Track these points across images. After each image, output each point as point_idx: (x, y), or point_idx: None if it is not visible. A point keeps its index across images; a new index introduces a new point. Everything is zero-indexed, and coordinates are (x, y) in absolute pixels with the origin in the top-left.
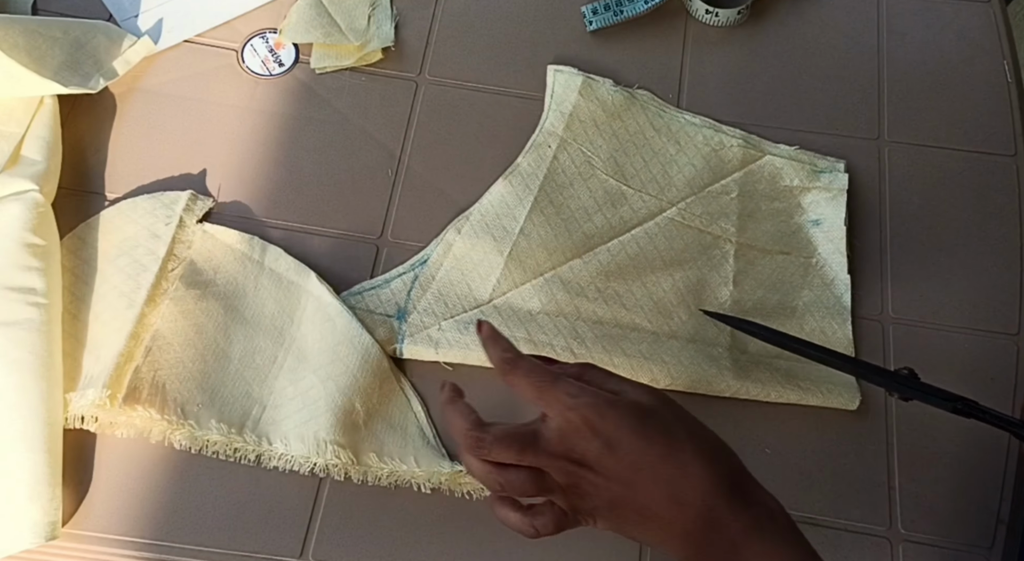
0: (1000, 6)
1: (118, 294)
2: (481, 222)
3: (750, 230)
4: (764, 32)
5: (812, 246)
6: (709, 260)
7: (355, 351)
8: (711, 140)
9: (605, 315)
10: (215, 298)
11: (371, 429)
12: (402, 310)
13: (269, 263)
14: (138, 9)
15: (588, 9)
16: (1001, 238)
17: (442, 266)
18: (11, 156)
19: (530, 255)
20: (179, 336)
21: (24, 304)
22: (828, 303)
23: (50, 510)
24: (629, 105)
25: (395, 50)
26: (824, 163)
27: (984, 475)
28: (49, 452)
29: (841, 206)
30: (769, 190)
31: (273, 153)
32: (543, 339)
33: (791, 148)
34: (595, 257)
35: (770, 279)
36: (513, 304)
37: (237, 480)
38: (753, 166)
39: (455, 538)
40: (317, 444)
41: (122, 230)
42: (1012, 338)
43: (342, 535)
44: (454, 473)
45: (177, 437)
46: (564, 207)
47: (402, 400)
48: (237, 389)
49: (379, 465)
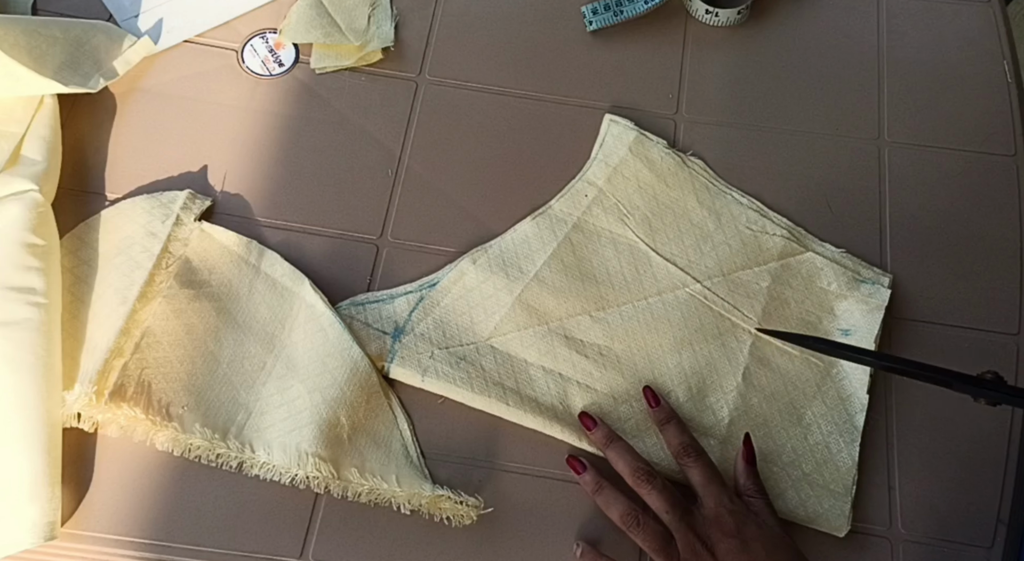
0: (1000, 6)
1: (114, 292)
2: (499, 257)
3: (773, 325)
4: (764, 32)
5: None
6: (723, 346)
7: (344, 364)
8: (754, 223)
9: (599, 381)
10: (208, 299)
11: (355, 444)
12: (399, 329)
13: (265, 268)
14: (138, 9)
15: (588, 9)
16: (1001, 238)
17: (450, 293)
18: (11, 156)
19: (539, 301)
20: (169, 335)
21: (24, 304)
22: (839, 420)
23: (49, 510)
24: (677, 171)
25: (395, 50)
26: (868, 273)
27: (984, 475)
28: (48, 452)
29: (876, 321)
30: (803, 288)
31: (273, 153)
32: (530, 394)
33: (838, 250)
34: (605, 317)
35: (783, 380)
36: (510, 348)
37: (237, 480)
38: (792, 260)
39: (454, 538)
40: (299, 455)
41: (121, 230)
42: (1012, 338)
43: (342, 535)
44: (435, 496)
45: (160, 439)
46: (586, 260)
47: (389, 417)
48: (224, 394)
49: (360, 481)
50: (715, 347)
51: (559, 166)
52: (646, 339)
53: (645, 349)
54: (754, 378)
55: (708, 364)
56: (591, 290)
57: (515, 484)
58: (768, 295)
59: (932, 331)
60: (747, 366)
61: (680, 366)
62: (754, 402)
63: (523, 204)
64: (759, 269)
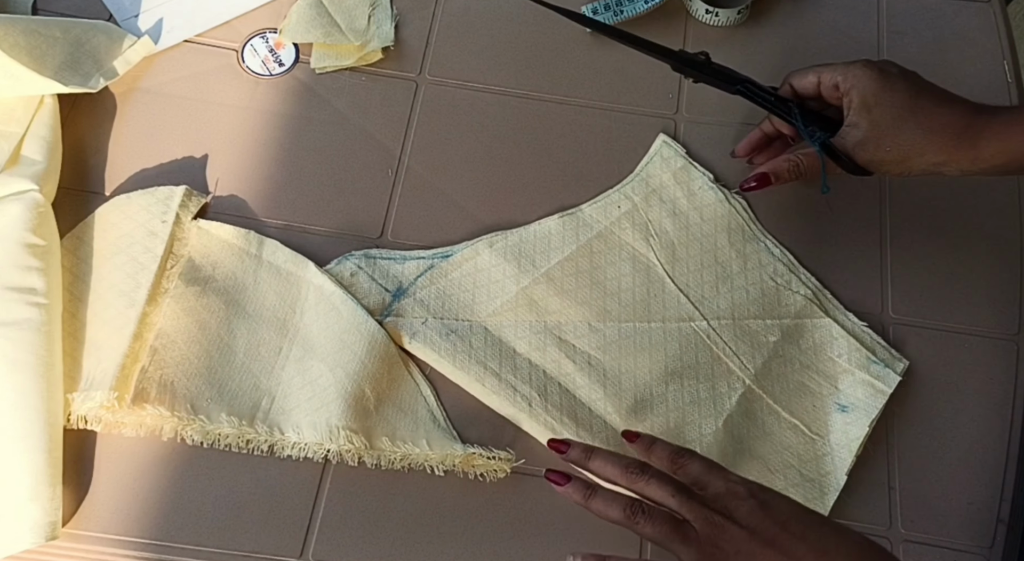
0: (1000, 6)
1: (117, 293)
2: (516, 246)
3: (770, 381)
4: (764, 32)
5: (826, 429)
6: (712, 388)
7: (362, 338)
8: (780, 276)
9: (581, 388)
10: (216, 293)
11: (382, 414)
12: (402, 289)
13: (267, 256)
14: (138, 9)
15: (588, 9)
16: (1001, 238)
17: (460, 268)
18: (11, 156)
19: (543, 298)
20: (183, 334)
21: (24, 304)
22: (810, 495)
23: (50, 510)
24: (716, 206)
25: (395, 50)
26: (884, 354)
27: (984, 475)
28: (49, 452)
29: (877, 406)
30: (812, 353)
31: (273, 153)
32: (511, 380)
33: (861, 323)
34: (604, 329)
35: (763, 439)
36: (502, 334)
37: (237, 480)
38: (808, 321)
39: (454, 538)
40: (330, 431)
41: (118, 227)
42: (1012, 338)
43: (342, 535)
44: (467, 455)
45: (189, 433)
46: (600, 269)
47: (411, 385)
48: (245, 382)
49: (392, 449)
50: (704, 387)
51: (559, 166)
52: (637, 361)
53: (634, 370)
54: (735, 428)
55: (692, 402)
56: (597, 299)
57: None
58: (773, 350)
59: (932, 331)
60: (731, 414)
61: (664, 396)
62: (728, 451)
63: (523, 204)
64: (771, 322)
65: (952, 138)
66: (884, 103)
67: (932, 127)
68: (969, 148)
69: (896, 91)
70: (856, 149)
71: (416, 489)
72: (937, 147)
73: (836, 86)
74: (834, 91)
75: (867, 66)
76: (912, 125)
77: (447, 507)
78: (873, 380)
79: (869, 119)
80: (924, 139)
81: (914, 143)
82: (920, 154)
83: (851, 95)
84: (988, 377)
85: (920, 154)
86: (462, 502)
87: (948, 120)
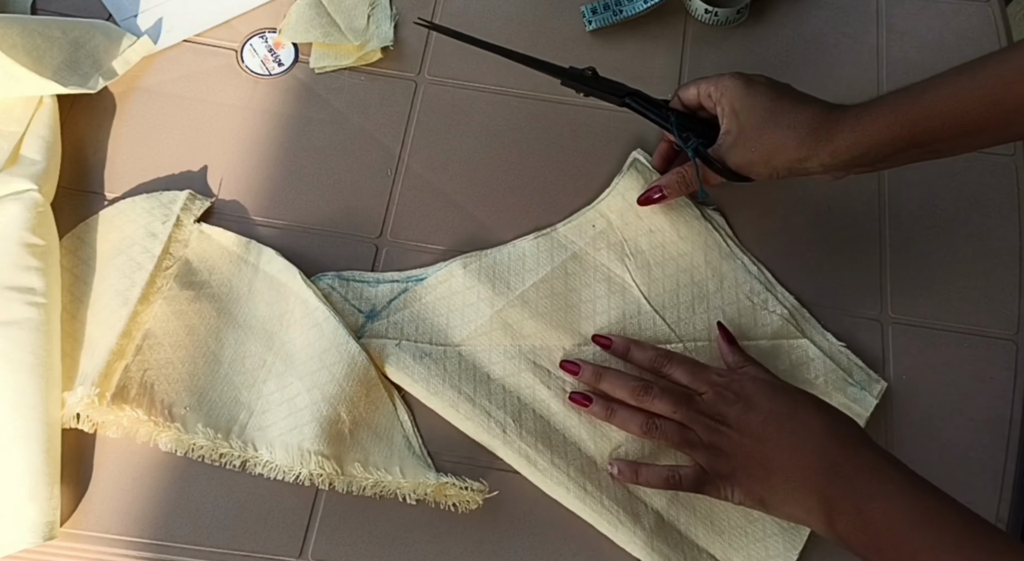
0: (1000, 6)
1: (114, 292)
2: (490, 268)
3: None
4: (764, 32)
5: None
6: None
7: (342, 359)
8: (757, 295)
9: (556, 414)
10: (208, 300)
11: (357, 438)
12: (375, 312)
13: (263, 265)
14: (137, 9)
15: (588, 9)
16: (1001, 238)
17: (434, 291)
18: (11, 155)
19: (518, 322)
20: (170, 337)
21: (23, 304)
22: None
23: (48, 510)
24: (693, 222)
25: (394, 50)
26: (861, 376)
27: (984, 475)
28: (47, 452)
29: None
30: (787, 374)
31: (273, 153)
32: (485, 405)
33: (839, 343)
34: (579, 354)
35: None
36: (477, 359)
37: (237, 480)
38: (784, 342)
39: (453, 537)
40: (301, 454)
41: (120, 230)
42: (1011, 338)
43: (341, 535)
44: (440, 484)
45: (163, 439)
46: (575, 291)
47: (389, 409)
48: (226, 393)
49: (364, 475)
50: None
51: (559, 166)
52: None
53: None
54: None
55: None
56: (572, 323)
57: (516, 478)
58: None
59: (932, 331)
60: None
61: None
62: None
63: (522, 204)
64: (748, 343)
65: (810, 133)
66: (749, 107)
67: (791, 124)
68: (827, 142)
69: (759, 95)
70: (728, 153)
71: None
72: (796, 143)
73: (710, 96)
74: (709, 101)
75: (736, 76)
76: (773, 125)
77: (447, 506)
78: (850, 403)
79: (737, 123)
80: (784, 136)
81: (776, 141)
82: (783, 151)
83: (722, 103)
84: (988, 377)
85: (783, 151)
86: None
87: (805, 117)
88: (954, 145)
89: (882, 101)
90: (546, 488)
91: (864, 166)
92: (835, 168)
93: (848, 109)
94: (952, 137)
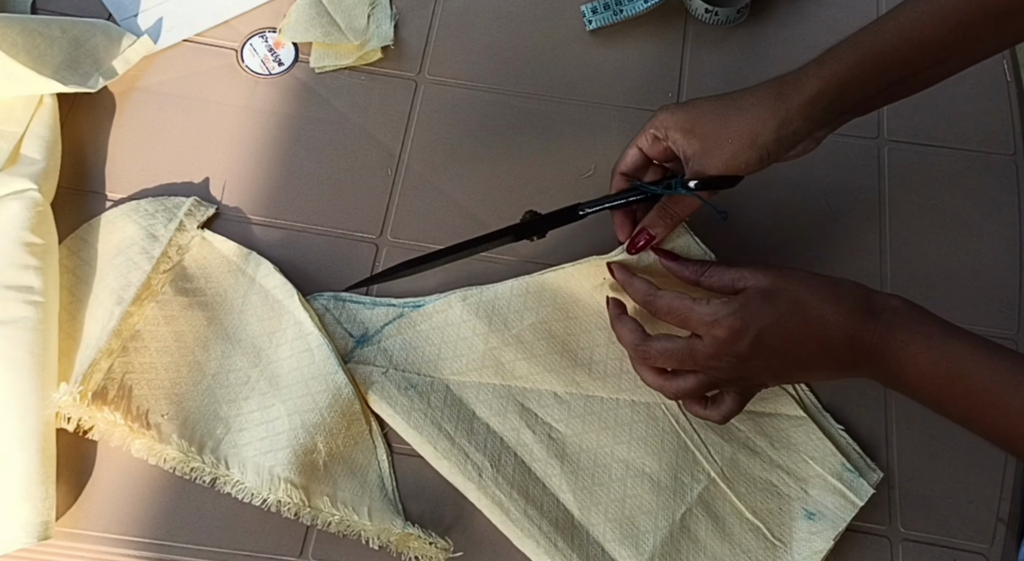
0: None
1: (110, 291)
2: (490, 304)
3: (737, 476)
4: (764, 31)
5: (790, 536)
6: (674, 478)
7: (327, 389)
8: None
9: (538, 461)
10: (201, 308)
11: (330, 472)
12: (367, 336)
13: (260, 279)
14: (137, 8)
15: (588, 8)
16: (1001, 238)
17: (429, 320)
18: (10, 155)
19: (511, 361)
20: (157, 341)
21: (21, 302)
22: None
23: (43, 509)
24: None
25: (394, 49)
26: (858, 462)
27: (984, 475)
28: (43, 451)
29: (844, 520)
30: (783, 450)
31: (273, 152)
32: (464, 445)
33: (838, 426)
34: (569, 401)
35: (721, 538)
36: (464, 395)
37: None
38: (784, 416)
39: (452, 537)
40: (271, 479)
41: (122, 231)
42: (1012, 338)
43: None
44: (404, 534)
45: (136, 446)
46: (574, 337)
47: (368, 445)
48: (205, 405)
49: (330, 510)
50: (666, 475)
51: (559, 165)
52: (600, 439)
53: (595, 449)
54: (691, 523)
55: (653, 489)
56: (567, 369)
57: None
58: (742, 443)
59: None
60: (690, 508)
61: (623, 480)
62: (683, 548)
63: (522, 203)
64: (744, 414)
65: (776, 97)
66: (697, 117)
67: (752, 102)
68: (797, 94)
69: (701, 105)
70: (704, 164)
71: (416, 488)
72: (768, 111)
73: (657, 138)
74: (658, 144)
75: (667, 105)
76: (735, 111)
77: (447, 506)
78: (845, 490)
79: (696, 137)
80: (751, 114)
81: (745, 122)
82: (759, 124)
83: (670, 134)
84: None
85: (759, 124)
86: (463, 502)
87: (762, 90)
88: (929, 74)
89: (844, 41)
90: (515, 539)
91: (848, 111)
92: (819, 121)
93: (808, 62)
94: (924, 64)
